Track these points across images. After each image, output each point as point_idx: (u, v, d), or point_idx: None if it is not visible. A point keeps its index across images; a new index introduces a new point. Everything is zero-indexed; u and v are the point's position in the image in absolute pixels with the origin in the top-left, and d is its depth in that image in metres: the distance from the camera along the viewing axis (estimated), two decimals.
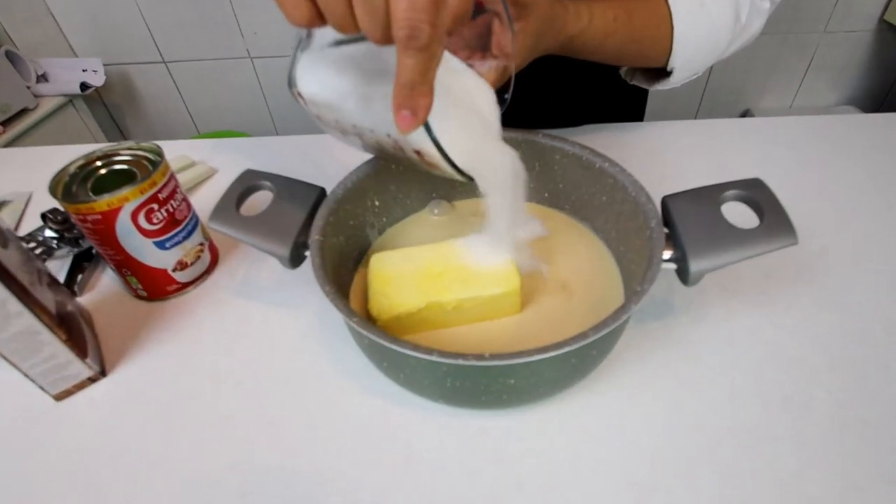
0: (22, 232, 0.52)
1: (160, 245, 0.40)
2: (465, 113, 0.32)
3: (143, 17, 1.25)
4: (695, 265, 0.31)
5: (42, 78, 1.20)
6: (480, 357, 0.26)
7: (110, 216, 0.37)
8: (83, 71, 1.22)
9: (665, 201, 0.35)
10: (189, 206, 0.43)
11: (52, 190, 0.38)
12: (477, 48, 0.37)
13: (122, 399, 0.37)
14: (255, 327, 0.41)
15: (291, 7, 0.23)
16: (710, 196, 0.34)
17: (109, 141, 1.41)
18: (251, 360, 0.39)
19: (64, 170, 0.40)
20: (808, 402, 0.33)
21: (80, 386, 0.38)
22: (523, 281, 0.35)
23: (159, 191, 0.39)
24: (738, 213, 0.32)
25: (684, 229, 0.32)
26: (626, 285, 0.37)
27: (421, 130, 0.27)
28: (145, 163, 0.40)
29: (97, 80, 1.21)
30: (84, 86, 1.18)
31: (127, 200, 0.37)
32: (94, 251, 0.48)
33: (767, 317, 0.39)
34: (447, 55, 0.33)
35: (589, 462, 0.31)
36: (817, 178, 0.52)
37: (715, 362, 0.36)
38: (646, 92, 0.63)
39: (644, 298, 0.28)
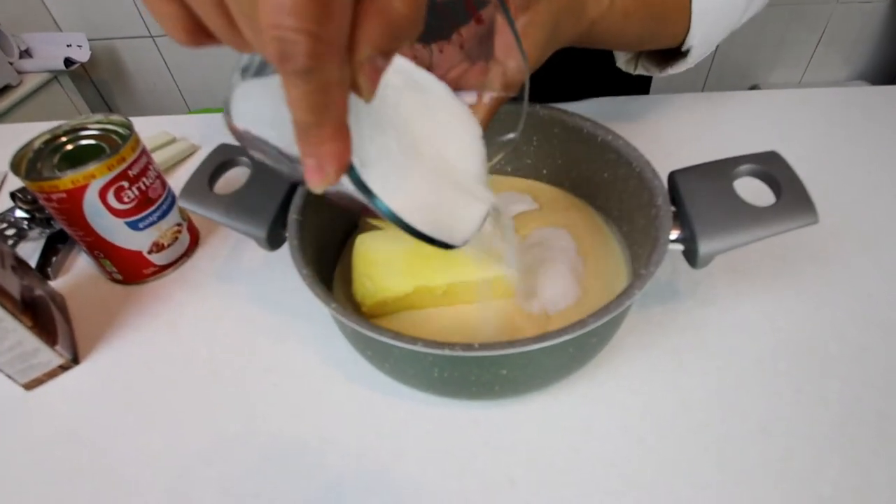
0: None
1: (133, 225, 0.38)
2: (432, 155, 0.24)
3: None
4: (704, 246, 0.28)
5: (25, 53, 1.16)
6: (469, 347, 0.23)
7: (76, 194, 0.35)
8: (67, 46, 1.17)
9: (673, 177, 0.32)
10: (164, 183, 0.40)
11: (15, 167, 0.35)
12: (479, 56, 0.28)
13: (96, 387, 0.35)
14: (237, 312, 0.39)
15: (165, 18, 0.17)
16: (721, 171, 0.31)
17: None
18: (232, 346, 0.37)
19: (28, 145, 0.37)
20: (821, 393, 0.31)
21: (51, 374, 0.36)
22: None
23: (129, 167, 0.36)
24: (753, 190, 0.30)
25: (693, 207, 0.30)
26: (631, 267, 0.35)
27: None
28: (115, 137, 0.38)
29: (82, 56, 1.17)
30: (68, 61, 1.14)
31: (94, 177, 0.35)
32: (60, 233, 0.45)
33: (779, 301, 0.36)
34: (405, 64, 0.26)
35: (586, 456, 0.29)
36: (831, 154, 0.49)
37: (722, 350, 0.34)
38: None
39: (649, 283, 0.26)
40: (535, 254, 0.36)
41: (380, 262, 0.33)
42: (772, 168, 0.30)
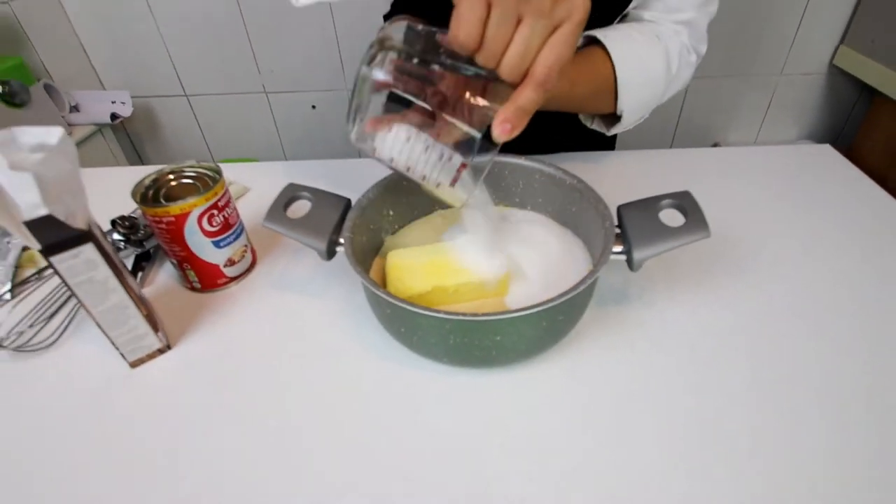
0: None
1: (216, 244, 0.50)
2: None
3: (168, 53, 1.38)
4: (637, 254, 0.41)
5: (74, 108, 1.31)
6: (475, 315, 0.35)
7: (181, 219, 0.47)
8: (112, 103, 1.33)
9: (619, 209, 0.45)
10: (237, 213, 0.53)
11: (134, 196, 0.48)
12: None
13: (185, 369, 0.46)
14: (291, 313, 0.51)
15: (467, 24, 0.31)
16: (652, 204, 0.44)
17: (130, 165, 1.51)
18: (289, 339, 0.48)
19: (141, 182, 0.49)
20: (734, 370, 0.43)
21: (152, 356, 0.46)
22: (511, 269, 0.45)
23: (219, 200, 0.49)
24: (671, 216, 0.43)
25: (631, 229, 0.42)
26: None
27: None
28: (206, 178, 0.50)
29: (125, 111, 1.32)
30: (114, 116, 1.29)
31: (195, 206, 0.47)
32: (151, 251, 0.57)
33: (703, 304, 0.48)
34: None
35: (560, 411, 0.40)
36: (755, 197, 0.62)
37: (661, 337, 0.45)
38: None
39: (596, 276, 0.38)
40: (523, 268, 0.48)
41: (406, 269, 0.45)
42: (684, 202, 0.43)
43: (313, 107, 1.47)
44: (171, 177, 0.50)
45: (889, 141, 1.15)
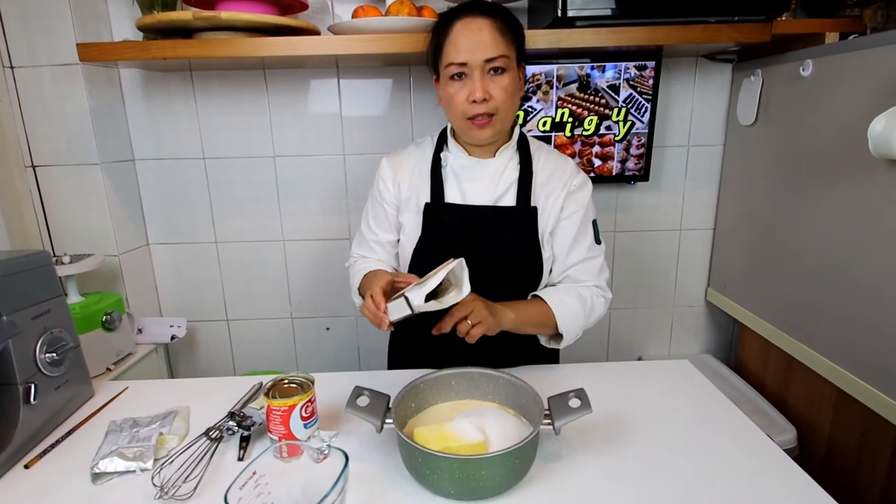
0: (194, 431, 0.90)
1: (306, 426, 0.80)
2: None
3: (223, 290, 1.80)
4: (556, 423, 0.74)
5: (139, 331, 1.66)
6: (470, 457, 0.66)
7: (292, 408, 0.78)
8: (170, 326, 1.69)
9: (548, 399, 0.79)
10: (316, 408, 0.84)
11: (264, 393, 0.80)
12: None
13: None
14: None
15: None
16: (564, 396, 0.79)
17: (170, 377, 1.79)
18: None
19: (264, 385, 0.82)
20: (634, 493, 0.72)
21: None
22: (485, 439, 0.77)
23: (312, 398, 0.81)
24: (575, 402, 0.77)
25: (553, 411, 0.76)
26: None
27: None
28: (306, 383, 0.83)
29: (181, 333, 1.67)
30: (172, 337, 1.64)
31: (301, 400, 0.79)
32: (250, 435, 0.86)
33: (608, 456, 0.79)
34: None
35: None
36: (653, 392, 0.98)
37: (582, 475, 0.75)
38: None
39: (533, 434, 0.70)
40: (492, 438, 0.79)
41: (425, 437, 0.76)
42: (580, 394, 0.78)
43: (327, 328, 1.86)
44: (285, 381, 0.84)
45: (757, 354, 1.57)
